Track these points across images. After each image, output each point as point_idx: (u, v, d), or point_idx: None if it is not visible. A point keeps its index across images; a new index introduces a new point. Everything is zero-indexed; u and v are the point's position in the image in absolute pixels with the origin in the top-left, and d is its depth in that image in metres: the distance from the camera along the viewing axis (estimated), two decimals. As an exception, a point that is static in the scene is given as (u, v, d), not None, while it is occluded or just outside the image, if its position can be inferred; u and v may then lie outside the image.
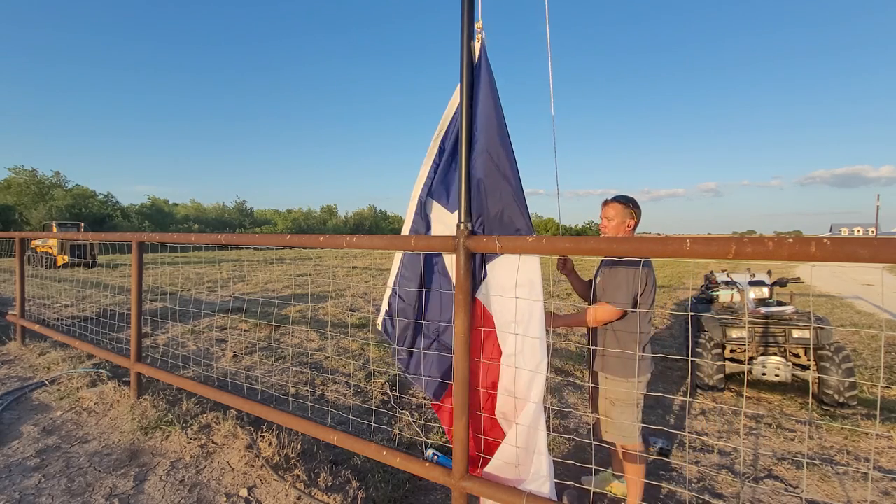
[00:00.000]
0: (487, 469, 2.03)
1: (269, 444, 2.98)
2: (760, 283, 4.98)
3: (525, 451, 1.93)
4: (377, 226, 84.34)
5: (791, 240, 1.36)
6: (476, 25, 2.11)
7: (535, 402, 1.90)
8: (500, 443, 2.02)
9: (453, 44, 2.06)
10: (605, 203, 2.54)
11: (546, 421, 1.92)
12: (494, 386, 2.08)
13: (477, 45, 2.15)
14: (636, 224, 2.50)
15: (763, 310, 4.47)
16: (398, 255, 2.47)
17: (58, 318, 6.84)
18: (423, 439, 3.31)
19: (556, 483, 2.78)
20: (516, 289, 1.98)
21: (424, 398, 4.14)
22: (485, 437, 2.11)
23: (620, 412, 2.41)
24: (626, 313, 2.36)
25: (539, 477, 1.92)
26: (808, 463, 3.15)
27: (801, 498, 2.73)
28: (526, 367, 1.94)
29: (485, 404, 2.12)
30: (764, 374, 4.23)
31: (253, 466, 2.81)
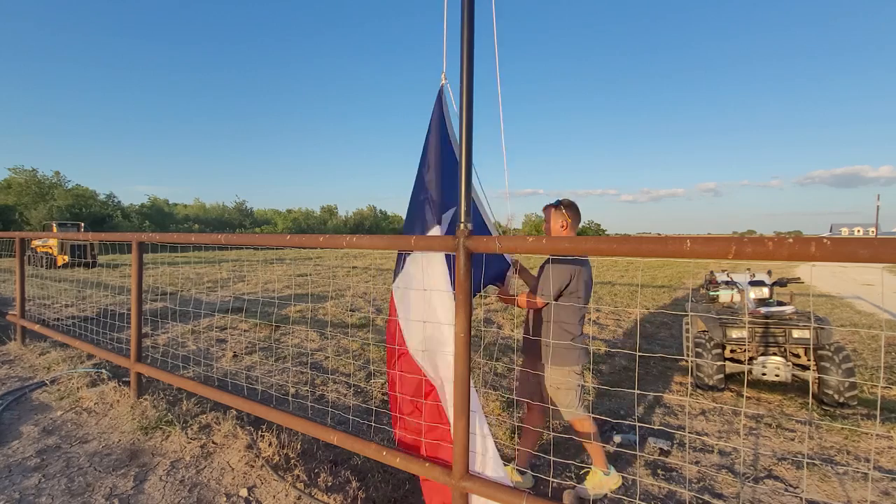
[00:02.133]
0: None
1: (269, 444, 2.98)
2: (760, 283, 4.98)
3: (481, 437, 2.03)
4: (377, 226, 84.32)
5: (791, 240, 1.36)
6: (441, 78, 2.48)
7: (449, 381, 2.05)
8: (446, 430, 2.11)
9: (453, 41, 2.07)
10: (543, 209, 2.89)
11: (547, 421, 1.94)
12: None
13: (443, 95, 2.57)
14: (570, 224, 2.77)
15: (763, 310, 4.47)
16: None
17: (58, 318, 6.84)
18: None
19: (556, 483, 2.79)
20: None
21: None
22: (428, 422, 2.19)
23: (564, 395, 2.71)
24: (547, 303, 2.69)
25: (489, 458, 2.05)
26: (808, 463, 3.14)
27: (801, 498, 2.73)
28: (441, 352, 2.09)
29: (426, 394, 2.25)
30: (764, 374, 4.23)
31: (253, 466, 2.81)
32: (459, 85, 2.05)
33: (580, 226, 2.86)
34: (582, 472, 2.94)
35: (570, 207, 2.78)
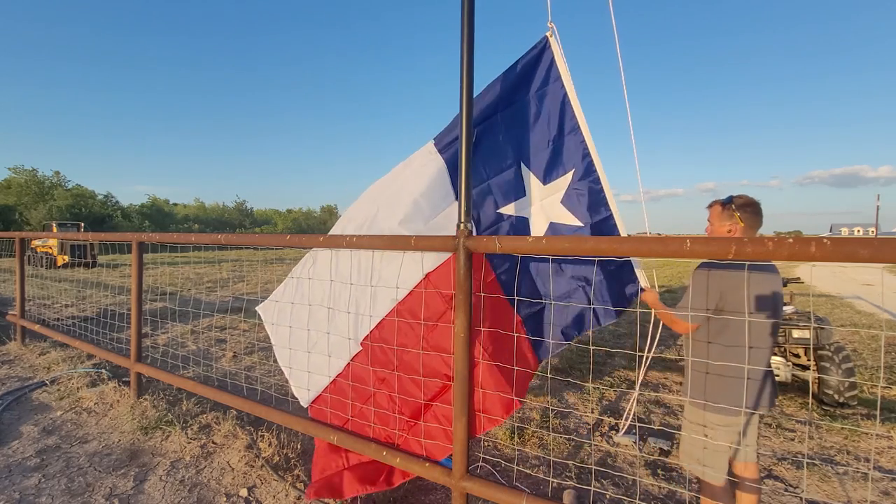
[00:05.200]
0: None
1: (269, 444, 2.98)
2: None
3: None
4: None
5: (791, 240, 1.36)
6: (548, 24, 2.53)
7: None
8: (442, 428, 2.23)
9: (454, 37, 2.07)
10: (709, 205, 2.24)
11: (546, 421, 1.92)
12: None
13: (553, 43, 2.55)
14: (742, 230, 2.06)
15: (763, 310, 4.46)
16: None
17: (58, 318, 6.84)
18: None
19: (556, 483, 2.78)
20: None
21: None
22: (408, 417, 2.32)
23: (689, 438, 2.12)
24: (698, 327, 2.07)
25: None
26: (808, 463, 3.14)
27: (801, 498, 2.73)
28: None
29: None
30: (764, 374, 4.22)
31: (253, 466, 2.81)
32: (460, 84, 2.05)
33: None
34: None
35: (745, 208, 2.05)
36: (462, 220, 1.96)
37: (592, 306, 2.52)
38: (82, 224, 24.28)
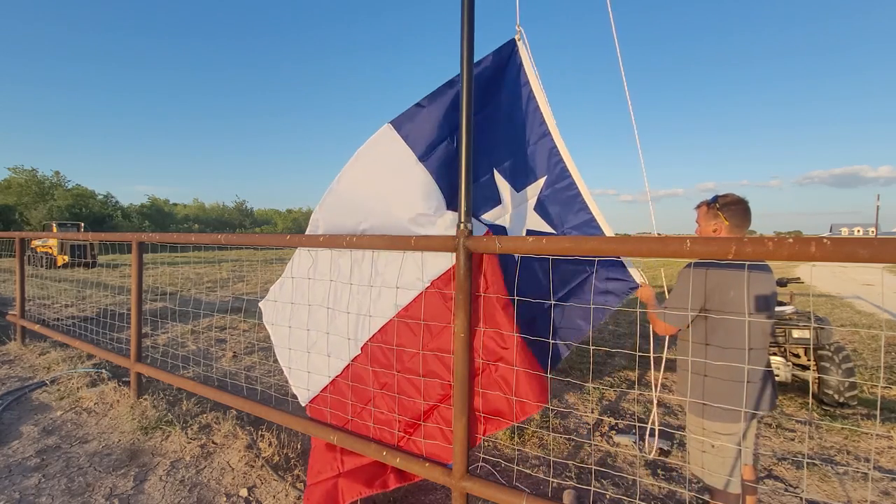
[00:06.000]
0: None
1: (269, 444, 2.98)
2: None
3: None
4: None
5: (791, 240, 1.36)
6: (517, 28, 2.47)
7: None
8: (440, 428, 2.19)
9: (455, 37, 2.06)
10: (696, 206, 2.22)
11: (546, 421, 1.92)
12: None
13: (521, 47, 2.48)
14: (728, 228, 2.02)
15: (763, 310, 4.46)
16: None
17: (58, 318, 6.84)
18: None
19: (556, 483, 2.79)
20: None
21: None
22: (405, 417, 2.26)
23: (694, 449, 2.12)
24: (678, 330, 2.06)
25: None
26: (808, 463, 3.14)
27: (801, 498, 2.73)
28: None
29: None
30: (764, 374, 4.23)
31: (253, 466, 2.81)
32: (461, 85, 2.04)
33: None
34: None
35: (729, 207, 2.01)
36: (462, 220, 1.96)
37: (572, 305, 2.51)
38: (82, 224, 24.29)
